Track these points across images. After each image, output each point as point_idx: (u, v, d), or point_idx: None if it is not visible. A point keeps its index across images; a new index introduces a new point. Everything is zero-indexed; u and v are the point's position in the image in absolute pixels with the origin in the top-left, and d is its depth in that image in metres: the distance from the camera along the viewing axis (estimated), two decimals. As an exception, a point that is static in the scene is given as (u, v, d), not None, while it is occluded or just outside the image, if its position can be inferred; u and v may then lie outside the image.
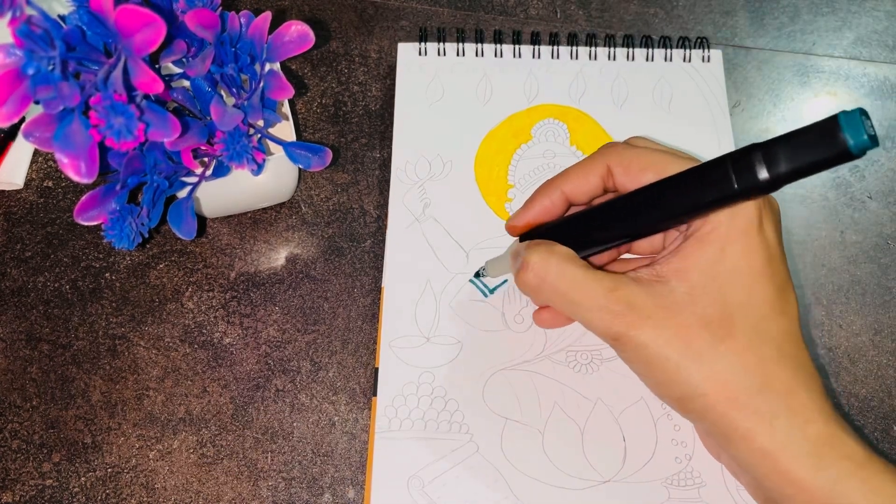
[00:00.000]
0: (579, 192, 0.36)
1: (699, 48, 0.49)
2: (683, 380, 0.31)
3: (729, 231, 0.31)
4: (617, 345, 0.32)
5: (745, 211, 0.31)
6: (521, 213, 0.37)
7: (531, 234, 0.37)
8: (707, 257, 0.31)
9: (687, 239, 0.32)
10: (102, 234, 0.37)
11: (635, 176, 0.33)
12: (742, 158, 0.29)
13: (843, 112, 0.26)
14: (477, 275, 0.42)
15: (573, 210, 0.37)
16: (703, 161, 0.31)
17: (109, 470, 0.39)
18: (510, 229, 0.38)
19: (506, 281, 0.42)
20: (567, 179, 0.36)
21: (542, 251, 0.33)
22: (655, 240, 0.36)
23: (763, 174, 0.28)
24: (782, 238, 0.33)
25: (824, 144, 0.27)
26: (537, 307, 0.39)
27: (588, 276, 0.32)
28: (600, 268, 0.36)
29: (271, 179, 0.41)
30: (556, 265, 0.33)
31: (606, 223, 0.34)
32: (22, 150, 0.46)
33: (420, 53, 0.49)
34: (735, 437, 0.31)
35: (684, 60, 0.49)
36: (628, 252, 0.38)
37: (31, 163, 0.46)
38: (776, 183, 0.28)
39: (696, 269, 0.31)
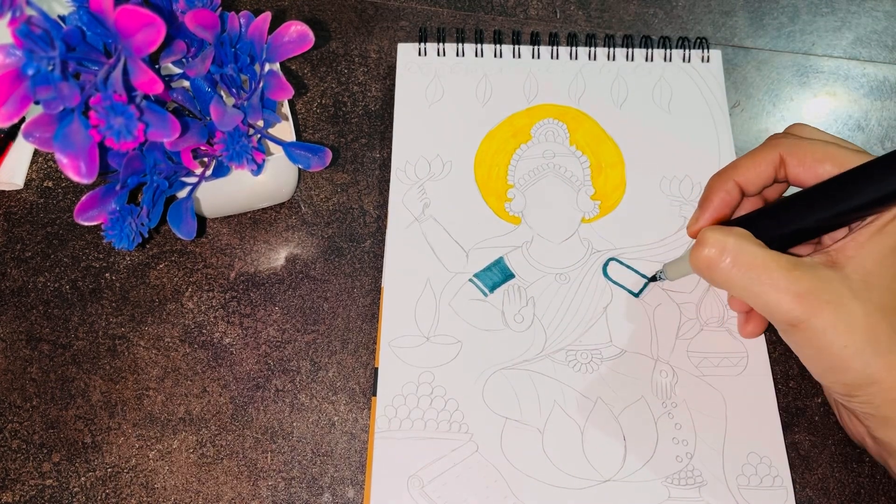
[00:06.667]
0: (751, 183, 0.36)
1: (698, 48, 0.49)
2: (858, 367, 0.31)
3: None
4: (791, 329, 0.32)
5: None
6: (700, 212, 0.38)
7: None
8: (884, 246, 0.31)
9: (861, 227, 0.32)
10: (102, 234, 0.37)
11: (811, 167, 0.34)
12: None
13: None
14: (654, 279, 0.42)
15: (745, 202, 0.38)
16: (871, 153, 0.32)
17: (109, 470, 0.39)
18: (694, 233, 0.38)
19: (506, 280, 0.42)
20: (738, 170, 0.36)
21: (719, 229, 0.33)
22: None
23: None
24: None
25: None
26: (741, 319, 0.40)
27: (767, 254, 0.32)
28: None
29: (271, 179, 0.41)
30: (734, 242, 0.32)
31: (794, 218, 0.34)
32: (22, 151, 0.46)
33: (420, 54, 0.49)
34: None
35: (684, 60, 0.49)
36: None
37: (31, 163, 0.46)
38: None
39: (871, 257, 0.31)
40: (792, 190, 0.37)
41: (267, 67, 0.38)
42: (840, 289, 0.31)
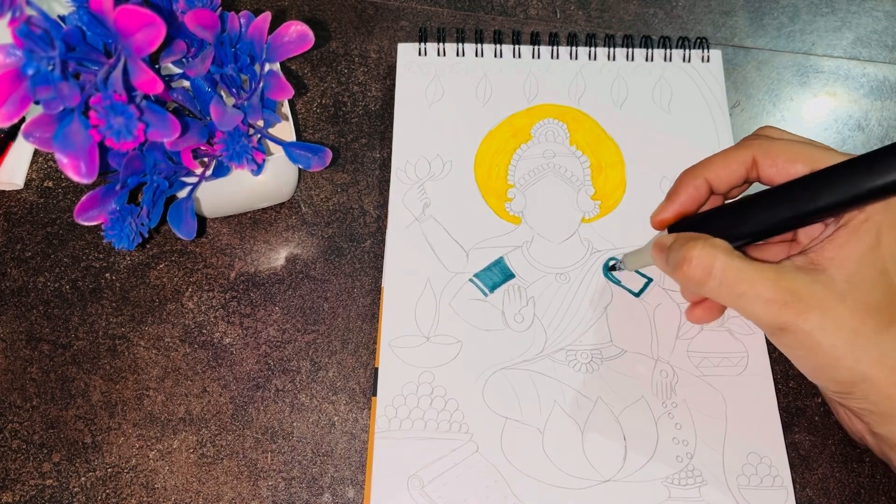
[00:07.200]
0: (722, 181, 0.37)
1: (699, 48, 0.49)
2: (848, 365, 0.32)
3: (884, 219, 0.32)
4: (781, 333, 0.33)
5: None
6: (667, 204, 0.38)
7: (675, 226, 0.37)
8: (864, 245, 0.32)
9: (839, 228, 0.33)
10: (102, 234, 0.37)
11: (783, 168, 0.34)
12: None
13: None
14: (611, 268, 0.43)
15: (712, 199, 0.38)
16: (848, 153, 0.32)
17: (109, 470, 0.39)
18: (658, 223, 0.38)
19: (506, 280, 0.42)
20: (710, 167, 0.37)
21: (703, 245, 0.33)
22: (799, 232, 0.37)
23: None
24: None
25: None
26: (689, 304, 0.40)
27: (751, 267, 0.33)
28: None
29: (271, 179, 0.41)
30: (721, 258, 0.33)
31: (763, 215, 0.34)
32: (22, 151, 0.46)
33: (420, 54, 0.49)
34: None
35: (684, 60, 0.49)
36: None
37: (32, 163, 0.46)
38: None
39: (853, 257, 0.32)
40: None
41: (267, 67, 0.38)
42: (824, 291, 0.32)
